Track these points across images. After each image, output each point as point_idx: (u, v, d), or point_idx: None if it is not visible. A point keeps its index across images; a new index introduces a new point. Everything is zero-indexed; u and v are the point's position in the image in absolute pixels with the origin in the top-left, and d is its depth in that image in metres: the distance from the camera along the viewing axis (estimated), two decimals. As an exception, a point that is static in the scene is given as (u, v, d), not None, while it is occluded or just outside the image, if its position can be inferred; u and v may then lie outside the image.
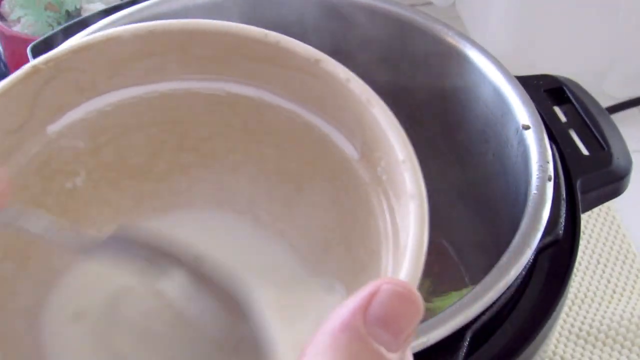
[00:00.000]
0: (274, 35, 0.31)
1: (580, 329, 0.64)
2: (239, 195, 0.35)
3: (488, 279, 0.40)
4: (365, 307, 0.21)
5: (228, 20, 0.31)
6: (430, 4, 0.88)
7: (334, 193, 0.33)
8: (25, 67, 0.30)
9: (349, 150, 0.31)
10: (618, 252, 0.70)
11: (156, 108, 0.34)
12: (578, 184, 0.49)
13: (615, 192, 0.51)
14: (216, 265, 0.30)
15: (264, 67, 0.32)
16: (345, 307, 0.22)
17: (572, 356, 0.63)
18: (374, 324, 0.21)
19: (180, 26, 0.32)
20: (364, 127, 0.30)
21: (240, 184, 0.35)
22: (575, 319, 0.65)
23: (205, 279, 0.29)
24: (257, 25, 0.32)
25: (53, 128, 0.32)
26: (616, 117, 0.72)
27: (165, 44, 0.32)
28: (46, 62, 0.31)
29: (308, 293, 0.32)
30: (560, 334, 0.64)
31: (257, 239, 0.34)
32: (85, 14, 0.71)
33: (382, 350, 0.21)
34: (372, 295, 0.22)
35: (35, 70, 0.30)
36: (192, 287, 0.29)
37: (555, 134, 0.52)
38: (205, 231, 0.35)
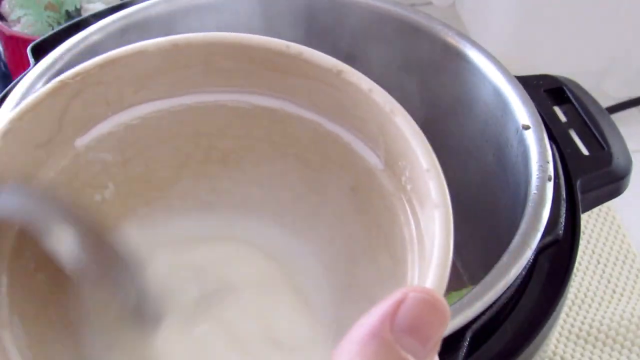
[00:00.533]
0: (295, 47, 0.31)
1: (580, 329, 0.64)
2: (265, 207, 0.35)
3: (488, 279, 0.40)
4: (392, 314, 0.21)
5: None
6: (430, 4, 0.88)
7: (358, 203, 0.33)
8: (53, 82, 0.31)
9: (373, 159, 0.32)
10: (618, 252, 0.70)
11: (182, 121, 0.34)
12: (578, 184, 0.49)
13: (615, 192, 0.51)
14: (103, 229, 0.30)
15: (286, 79, 0.32)
16: (373, 315, 0.22)
17: (572, 356, 0.63)
18: (402, 332, 0.21)
19: (203, 39, 0.32)
20: (387, 137, 0.30)
21: (266, 196, 0.35)
22: (575, 319, 0.65)
23: (94, 238, 0.30)
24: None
25: (81, 141, 0.32)
26: (616, 117, 0.72)
27: (190, 57, 0.32)
28: (73, 77, 0.31)
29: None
30: (560, 334, 0.64)
31: (283, 248, 0.34)
32: (85, 14, 0.71)
33: (410, 358, 0.21)
34: (399, 303, 0.22)
35: (63, 84, 0.31)
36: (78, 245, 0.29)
37: (555, 134, 0.52)
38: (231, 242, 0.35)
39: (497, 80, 0.51)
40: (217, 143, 0.35)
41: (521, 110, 0.49)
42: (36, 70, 0.50)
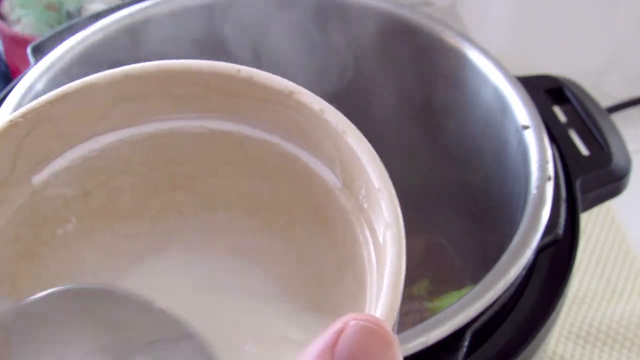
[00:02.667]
0: (246, 71, 0.31)
1: (580, 329, 0.64)
2: (234, 233, 0.35)
3: (488, 278, 0.40)
4: (332, 345, 0.21)
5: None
6: (430, 4, 0.88)
7: (323, 224, 0.33)
8: (2, 122, 0.30)
9: (331, 179, 0.32)
10: (618, 252, 0.70)
11: (141, 150, 0.34)
12: (578, 183, 0.49)
13: (615, 192, 0.51)
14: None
15: (240, 102, 0.32)
16: (313, 348, 0.21)
17: (572, 356, 0.63)
18: None
19: (156, 68, 0.32)
20: (342, 156, 0.30)
21: (233, 221, 0.35)
22: (575, 319, 0.65)
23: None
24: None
25: (38, 178, 0.32)
26: (616, 117, 0.72)
27: (143, 86, 0.32)
28: (23, 116, 0.30)
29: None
30: (560, 334, 0.64)
31: (250, 278, 0.34)
32: (85, 14, 0.71)
33: None
34: (339, 333, 0.21)
35: (13, 124, 0.30)
36: None
37: (555, 134, 0.52)
38: (200, 273, 0.34)
39: (497, 80, 0.51)
40: (180, 170, 0.35)
41: (521, 111, 0.49)
42: (36, 70, 0.50)
